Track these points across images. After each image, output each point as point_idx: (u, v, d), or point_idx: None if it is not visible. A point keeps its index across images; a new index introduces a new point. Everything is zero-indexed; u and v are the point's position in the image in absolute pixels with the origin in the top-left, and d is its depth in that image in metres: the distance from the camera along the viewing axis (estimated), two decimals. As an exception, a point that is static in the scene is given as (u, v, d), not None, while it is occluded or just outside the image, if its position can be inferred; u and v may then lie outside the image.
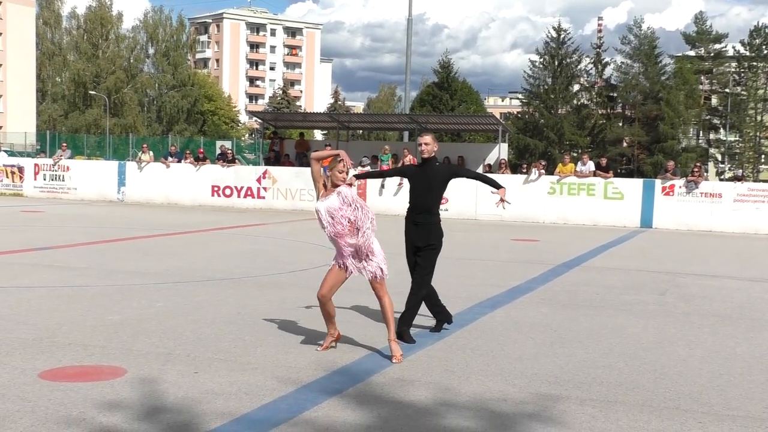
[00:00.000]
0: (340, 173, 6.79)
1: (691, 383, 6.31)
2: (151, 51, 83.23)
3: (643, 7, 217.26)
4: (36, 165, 29.32)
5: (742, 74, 70.46)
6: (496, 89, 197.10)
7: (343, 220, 6.67)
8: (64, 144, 32.04)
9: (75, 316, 8.13)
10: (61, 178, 28.68)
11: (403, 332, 7.36)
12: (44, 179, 28.90)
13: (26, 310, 8.41)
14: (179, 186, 27.22)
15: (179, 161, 28.04)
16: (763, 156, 71.98)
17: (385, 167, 25.28)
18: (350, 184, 7.11)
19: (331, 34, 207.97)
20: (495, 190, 7.75)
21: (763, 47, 69.26)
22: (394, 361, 6.64)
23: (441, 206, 7.73)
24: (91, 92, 75.98)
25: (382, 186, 25.16)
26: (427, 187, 7.56)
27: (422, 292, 7.53)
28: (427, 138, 7.65)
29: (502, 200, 7.80)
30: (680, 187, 22.78)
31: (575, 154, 50.36)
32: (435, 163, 7.70)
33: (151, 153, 29.31)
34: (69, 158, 30.20)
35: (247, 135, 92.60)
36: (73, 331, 7.47)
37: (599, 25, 77.36)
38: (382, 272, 6.80)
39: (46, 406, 5.26)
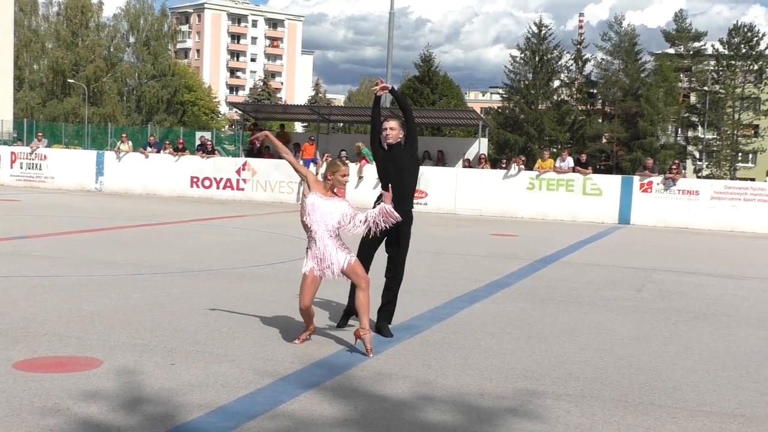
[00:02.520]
0: (343, 177, 6.77)
1: (666, 379, 6.36)
2: (131, 40, 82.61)
3: (625, 5, 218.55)
4: (13, 153, 29.06)
5: (721, 72, 70.98)
6: (478, 84, 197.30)
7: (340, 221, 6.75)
8: (40, 134, 31.77)
9: (51, 306, 8.08)
10: (38, 166, 28.46)
11: (381, 327, 7.36)
12: (21, 168, 28.65)
13: (1, 299, 8.34)
14: (158, 176, 27.08)
15: (158, 151, 27.89)
16: (740, 154, 72.56)
17: (364, 162, 25.29)
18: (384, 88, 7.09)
19: (313, 26, 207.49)
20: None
21: (742, 46, 69.80)
22: (370, 355, 6.65)
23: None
24: (69, 81, 75.32)
25: (360, 178, 25.16)
26: (398, 172, 7.29)
27: (397, 286, 7.51)
28: (392, 123, 7.26)
29: (383, 88, 7.43)
30: (658, 184, 22.93)
31: (555, 150, 50.61)
32: (400, 146, 7.35)
33: (130, 143, 29.14)
34: (46, 147, 29.96)
35: (227, 126, 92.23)
36: (49, 321, 7.42)
37: (580, 21, 77.74)
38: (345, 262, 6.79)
39: (20, 396, 5.23)
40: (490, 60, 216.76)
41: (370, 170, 25.10)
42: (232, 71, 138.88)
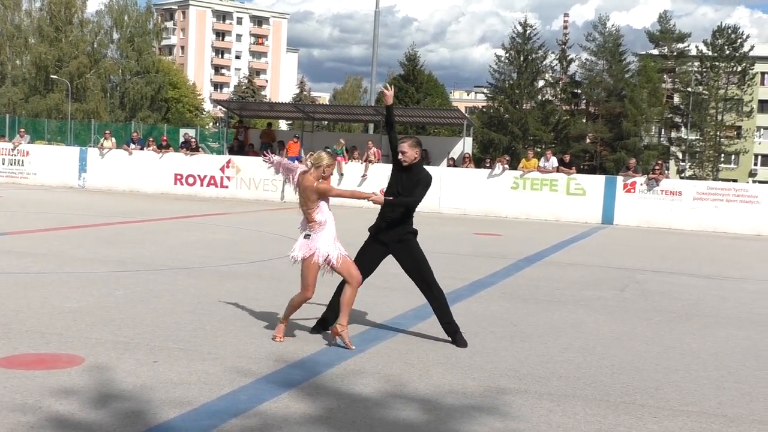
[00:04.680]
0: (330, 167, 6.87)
1: (648, 378, 6.39)
2: (115, 36, 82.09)
3: (611, 5, 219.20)
4: (-6, 149, 28.88)
5: (704, 74, 71.37)
6: (464, 83, 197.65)
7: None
8: (22, 129, 31.56)
9: (33, 303, 8.03)
10: (20, 163, 28.28)
11: (455, 339, 7.17)
12: (3, 164, 28.48)
13: (-17, 296, 8.29)
14: (141, 174, 26.97)
15: (142, 148, 27.79)
16: (723, 155, 72.98)
17: (340, 159, 25.39)
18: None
19: (299, 24, 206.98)
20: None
21: (726, 47, 70.23)
22: (336, 337, 6.83)
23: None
24: (53, 76, 74.82)
25: (341, 175, 25.18)
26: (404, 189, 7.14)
27: (439, 304, 7.31)
28: (403, 146, 7.08)
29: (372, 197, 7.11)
30: (641, 184, 23.04)
31: (539, 150, 50.75)
32: (417, 170, 7.14)
33: (114, 139, 29.01)
34: (28, 143, 29.79)
35: (211, 123, 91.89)
36: (31, 318, 7.38)
37: (565, 21, 78.02)
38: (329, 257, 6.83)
39: (1, 393, 5.19)
40: (476, 59, 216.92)
41: (350, 168, 25.17)
42: (217, 68, 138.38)
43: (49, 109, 73.39)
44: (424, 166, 7.37)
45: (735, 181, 55.99)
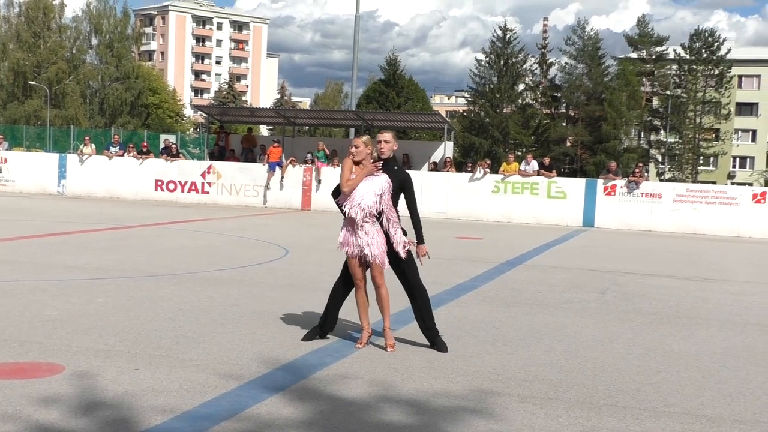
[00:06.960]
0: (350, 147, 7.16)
1: (630, 380, 6.42)
2: (94, 42, 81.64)
3: (591, 9, 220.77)
4: (-27, 156, 28.64)
5: (683, 77, 71.84)
6: (444, 87, 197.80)
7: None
8: (0, 136, 31.31)
9: (12, 311, 7.97)
10: (-2, 170, 28.05)
11: (436, 343, 7.15)
12: (-19, 171, 28.25)
13: (-39, 304, 8.21)
14: (122, 180, 26.84)
15: (123, 152, 27.63)
16: (701, 157, 73.45)
17: (320, 164, 25.39)
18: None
19: (280, 29, 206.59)
20: (415, 242, 7.38)
21: (703, 51, 70.75)
22: (388, 350, 6.93)
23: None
24: (31, 82, 74.34)
25: (318, 182, 25.17)
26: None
27: (420, 307, 7.27)
28: (387, 135, 7.21)
29: (419, 255, 7.35)
30: (621, 187, 23.17)
31: (519, 153, 50.89)
32: (393, 165, 7.26)
33: (93, 146, 28.85)
34: (7, 150, 29.57)
35: (191, 129, 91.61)
36: (10, 326, 7.31)
37: (544, 25, 78.19)
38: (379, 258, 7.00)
39: (-20, 403, 5.15)
40: (457, 63, 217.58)
41: (332, 173, 25.13)
42: (197, 74, 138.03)
43: (28, 115, 72.88)
44: (397, 167, 7.40)
45: (714, 183, 56.35)
